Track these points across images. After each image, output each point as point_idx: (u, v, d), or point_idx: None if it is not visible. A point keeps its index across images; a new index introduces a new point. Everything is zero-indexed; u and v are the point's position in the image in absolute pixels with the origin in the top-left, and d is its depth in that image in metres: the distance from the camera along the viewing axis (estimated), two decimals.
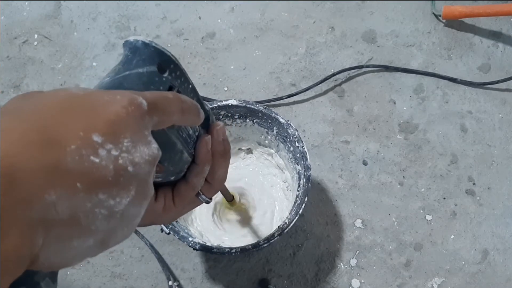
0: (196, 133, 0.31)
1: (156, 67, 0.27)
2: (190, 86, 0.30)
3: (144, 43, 0.27)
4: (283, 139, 0.62)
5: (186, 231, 0.58)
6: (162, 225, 0.56)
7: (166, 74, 0.28)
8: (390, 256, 0.68)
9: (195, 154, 0.31)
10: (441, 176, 0.72)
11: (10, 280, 0.17)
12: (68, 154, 0.18)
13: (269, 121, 0.61)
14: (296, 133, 0.59)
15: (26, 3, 0.84)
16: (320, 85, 0.77)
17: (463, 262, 0.68)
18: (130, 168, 0.21)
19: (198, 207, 0.35)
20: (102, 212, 0.20)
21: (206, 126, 0.32)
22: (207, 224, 0.66)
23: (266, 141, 0.67)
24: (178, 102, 0.26)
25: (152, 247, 0.67)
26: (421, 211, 0.70)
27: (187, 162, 0.30)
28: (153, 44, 0.27)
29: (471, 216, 0.70)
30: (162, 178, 0.30)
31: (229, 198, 0.57)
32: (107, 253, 0.69)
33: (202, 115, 0.29)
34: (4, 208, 0.16)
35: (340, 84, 0.78)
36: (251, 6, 0.83)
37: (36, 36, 0.82)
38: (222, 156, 0.32)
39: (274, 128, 0.62)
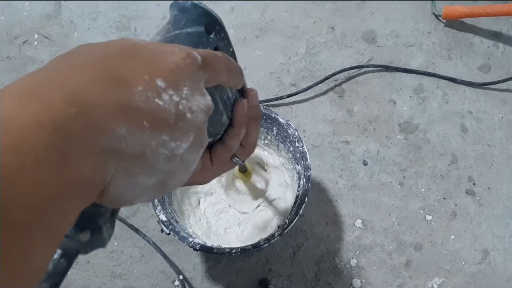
0: (234, 97, 0.32)
1: (204, 28, 0.28)
2: (231, 49, 0.32)
3: (193, 3, 0.28)
4: (283, 139, 0.62)
5: (186, 231, 0.58)
6: (162, 226, 0.56)
7: (212, 35, 0.29)
8: (390, 256, 0.68)
9: (233, 117, 0.32)
10: (441, 176, 0.72)
11: (83, 206, 0.19)
12: (136, 94, 0.20)
13: (269, 121, 0.61)
14: (296, 133, 0.59)
15: (26, 3, 0.84)
16: (320, 85, 0.77)
17: (463, 262, 0.68)
18: (188, 115, 0.22)
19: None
20: (165, 152, 0.21)
21: (241, 91, 0.33)
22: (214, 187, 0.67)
23: (266, 141, 0.67)
24: (226, 61, 0.27)
25: (155, 245, 0.67)
26: (421, 211, 0.70)
27: (225, 125, 0.32)
28: (202, 5, 0.28)
29: (471, 216, 0.70)
30: None
31: (243, 169, 0.58)
32: (107, 253, 0.69)
33: (243, 78, 0.31)
34: (79, 138, 0.17)
35: (340, 84, 0.78)
36: (251, 6, 0.83)
37: (36, 36, 0.82)
38: (255, 120, 0.34)
39: (274, 128, 0.62)
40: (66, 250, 0.23)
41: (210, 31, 0.29)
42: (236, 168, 0.59)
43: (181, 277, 0.65)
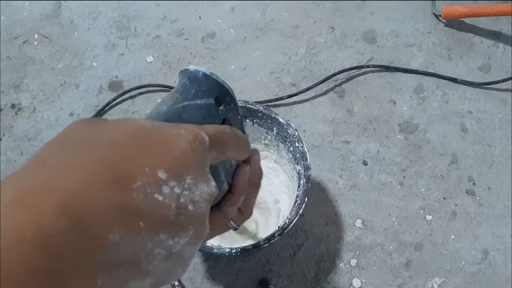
0: (236, 163, 0.30)
1: (214, 100, 0.27)
2: (239, 116, 0.30)
3: (205, 74, 0.27)
4: (283, 139, 0.62)
5: None
6: None
7: (221, 107, 0.28)
8: (390, 256, 0.68)
9: (233, 184, 0.31)
10: (441, 176, 0.72)
11: None
12: (134, 191, 0.18)
13: (269, 121, 0.61)
14: (296, 133, 0.59)
15: (26, 3, 0.84)
16: (320, 85, 0.77)
17: (463, 262, 0.68)
18: (190, 207, 0.20)
19: None
20: (161, 252, 0.19)
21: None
22: None
23: (266, 141, 0.67)
24: (235, 138, 0.26)
25: None
26: (421, 211, 0.70)
27: (224, 191, 0.30)
28: (214, 77, 0.27)
29: (471, 216, 0.70)
30: None
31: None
32: None
33: (250, 150, 0.29)
34: (67, 251, 0.16)
35: (340, 84, 0.78)
36: (251, 6, 0.83)
37: (36, 36, 0.82)
38: (256, 185, 0.32)
39: (274, 128, 0.62)
40: None
41: (220, 103, 0.28)
42: None
43: (176, 283, 0.65)
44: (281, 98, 0.76)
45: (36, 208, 0.15)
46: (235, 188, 0.30)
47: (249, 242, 0.66)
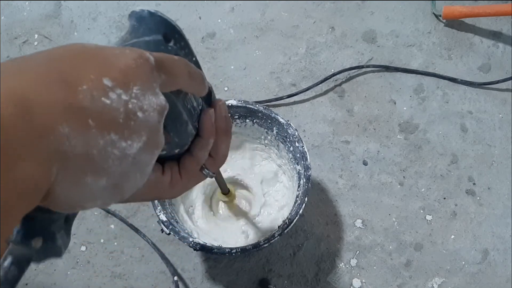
0: (200, 107, 0.31)
1: (162, 36, 0.28)
2: (194, 58, 0.31)
3: (150, 12, 0.28)
4: (283, 139, 0.62)
5: (186, 231, 0.58)
6: (163, 226, 0.56)
7: (171, 44, 0.29)
8: (390, 256, 0.68)
9: (199, 127, 0.32)
10: (441, 176, 0.72)
11: (26, 209, 0.18)
12: (80, 93, 0.19)
13: (269, 121, 0.61)
14: (296, 133, 0.59)
15: (26, 3, 0.84)
16: (320, 85, 0.77)
17: (463, 262, 0.68)
18: (139, 114, 0.22)
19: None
20: (114, 152, 0.21)
21: (209, 102, 0.33)
22: (201, 215, 0.67)
23: (266, 141, 0.67)
24: (184, 65, 0.27)
25: (154, 245, 0.67)
26: (421, 211, 0.70)
27: (191, 135, 0.31)
28: (159, 14, 0.28)
29: (471, 216, 0.70)
30: (167, 151, 0.31)
31: (225, 191, 0.57)
32: (107, 253, 0.69)
33: (207, 85, 0.30)
34: (21, 138, 0.17)
35: (340, 84, 0.78)
36: (251, 6, 0.83)
37: (36, 36, 0.82)
38: (225, 132, 0.33)
39: (274, 128, 0.62)
40: (17, 258, 0.22)
41: (168, 39, 0.29)
42: (219, 191, 0.58)
43: (175, 278, 0.65)
44: (281, 98, 0.76)
45: None
46: (202, 130, 0.31)
47: (242, 221, 0.66)
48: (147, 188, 0.31)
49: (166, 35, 0.28)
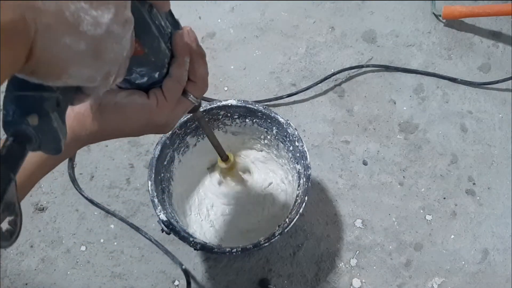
0: (169, 30, 0.32)
1: None
2: None
3: None
4: (283, 139, 0.62)
5: (186, 231, 0.58)
6: (163, 225, 0.55)
7: None
8: (390, 256, 0.68)
9: (173, 47, 0.33)
10: (441, 176, 0.72)
11: (13, 58, 0.20)
12: None
13: (269, 120, 0.61)
14: (296, 133, 0.59)
15: None
16: (320, 85, 0.77)
17: (463, 262, 0.68)
18: None
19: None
20: (87, 18, 0.22)
21: (176, 28, 0.34)
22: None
23: (266, 141, 0.67)
24: None
25: (156, 242, 0.67)
26: (421, 211, 0.70)
27: (167, 56, 0.32)
28: None
29: (471, 216, 0.70)
30: (147, 77, 0.32)
31: (224, 157, 0.57)
32: (107, 253, 0.69)
33: (169, 3, 0.31)
34: None
35: (340, 84, 0.78)
36: (251, 6, 0.83)
37: None
38: (198, 53, 0.35)
39: (274, 127, 0.62)
40: (17, 135, 0.24)
41: None
42: (219, 159, 0.59)
43: (184, 267, 0.65)
44: (281, 98, 0.76)
45: None
46: (175, 49, 0.33)
47: (244, 193, 0.67)
48: (136, 112, 0.34)
49: None
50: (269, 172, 0.69)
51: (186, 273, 0.65)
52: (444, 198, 0.71)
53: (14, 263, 0.68)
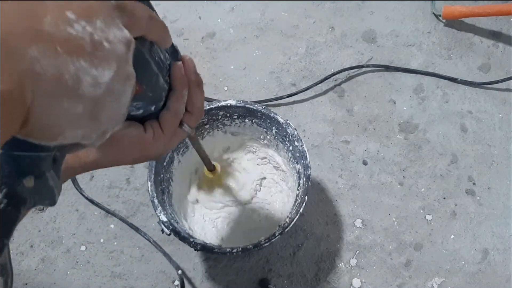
0: (168, 62, 0.32)
1: None
2: (154, 11, 0.31)
3: None
4: (282, 139, 0.62)
5: (186, 231, 0.58)
6: (163, 226, 0.55)
7: None
8: (390, 256, 0.68)
9: (171, 80, 0.33)
10: (441, 176, 0.72)
11: (7, 127, 0.19)
12: (46, 23, 0.20)
13: (268, 121, 0.61)
14: (295, 133, 0.59)
15: None
16: (320, 85, 0.77)
17: (463, 262, 0.68)
18: (106, 44, 0.22)
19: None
20: (86, 79, 0.22)
21: (175, 58, 0.33)
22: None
23: (265, 141, 0.67)
24: (145, 9, 0.27)
25: (155, 243, 0.67)
26: (421, 211, 0.70)
27: (165, 89, 0.32)
28: None
29: (471, 216, 0.70)
30: (143, 109, 0.31)
31: (210, 167, 0.57)
32: (107, 253, 0.69)
33: (169, 35, 0.31)
34: None
35: (340, 84, 0.78)
36: (251, 6, 0.83)
37: None
38: (196, 84, 0.35)
39: (273, 127, 0.62)
40: (12, 198, 0.23)
41: None
42: (205, 169, 0.58)
43: (180, 272, 0.65)
44: (281, 98, 0.76)
45: None
46: (173, 82, 0.33)
47: (231, 201, 0.66)
48: (132, 145, 0.33)
49: None
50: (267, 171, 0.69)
51: (182, 279, 0.65)
52: (444, 198, 0.71)
53: (14, 263, 0.68)
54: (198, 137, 0.48)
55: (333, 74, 0.77)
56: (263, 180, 0.69)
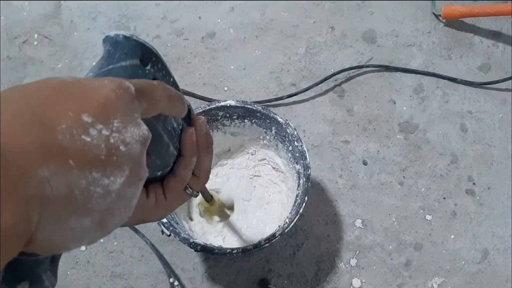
0: (180, 127, 0.31)
1: (139, 60, 0.27)
2: (172, 79, 0.31)
3: (125, 36, 0.27)
4: (282, 139, 0.62)
5: (187, 232, 0.58)
6: (163, 227, 0.55)
7: (148, 67, 0.28)
8: (390, 256, 0.68)
9: (181, 147, 0.31)
10: (441, 176, 0.72)
11: (8, 258, 0.17)
12: (59, 133, 0.19)
13: (268, 121, 0.61)
14: (295, 132, 0.59)
15: (26, 3, 0.84)
16: (320, 85, 0.77)
17: (463, 262, 0.68)
18: (122, 148, 0.21)
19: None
20: (97, 190, 0.20)
21: (188, 120, 0.33)
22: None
23: (265, 141, 0.67)
24: (164, 89, 0.26)
25: (152, 246, 0.67)
26: (421, 211, 0.70)
27: (173, 156, 0.31)
28: (134, 37, 0.27)
29: (471, 216, 0.70)
30: (149, 174, 0.30)
31: (208, 198, 0.57)
32: (107, 253, 0.69)
33: (186, 106, 0.30)
34: None
35: (340, 84, 0.78)
36: (251, 6, 0.83)
37: (36, 36, 0.82)
38: (206, 148, 0.33)
39: (273, 128, 0.62)
40: None
41: (146, 62, 0.28)
42: (202, 198, 0.58)
43: (171, 280, 0.65)
44: (281, 98, 0.76)
45: None
46: (183, 150, 0.31)
47: (222, 226, 0.66)
48: (133, 212, 0.31)
49: (143, 59, 0.28)
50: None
51: (172, 286, 0.65)
52: (444, 198, 0.71)
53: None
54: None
55: (333, 74, 0.77)
56: (258, 178, 0.69)
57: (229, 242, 0.65)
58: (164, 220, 0.55)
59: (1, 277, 0.22)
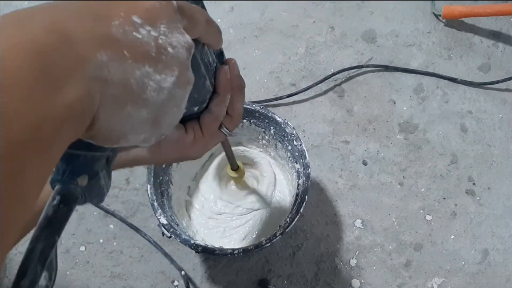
0: (215, 64, 0.32)
1: None
2: (206, 11, 0.32)
3: None
4: (281, 139, 0.62)
5: (187, 233, 0.58)
6: (163, 229, 0.55)
7: None
8: (390, 256, 0.68)
9: (216, 84, 0.33)
10: (441, 176, 0.72)
11: (74, 134, 0.19)
12: (113, 27, 0.21)
13: (266, 120, 0.61)
14: (294, 132, 0.59)
15: (26, 3, 0.84)
16: (320, 85, 0.77)
17: (463, 262, 0.68)
18: (170, 49, 0.23)
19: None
20: (151, 84, 0.22)
21: (221, 61, 0.34)
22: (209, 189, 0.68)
23: (264, 141, 0.66)
24: (202, 13, 0.28)
25: (155, 243, 0.67)
26: (421, 211, 0.70)
27: (209, 92, 0.32)
28: None
29: (471, 216, 0.70)
30: (186, 110, 0.31)
31: (235, 166, 0.58)
32: (106, 253, 0.68)
33: (221, 36, 0.31)
34: (63, 65, 0.18)
35: (340, 84, 0.78)
36: (251, 6, 0.83)
37: None
38: (239, 89, 0.35)
39: (272, 127, 0.62)
40: (65, 196, 0.24)
41: None
42: (228, 167, 0.59)
43: (183, 273, 0.65)
44: (281, 98, 0.76)
45: (30, 28, 0.18)
46: (218, 87, 0.33)
47: (250, 198, 0.66)
48: (172, 145, 0.33)
49: None
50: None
51: (187, 280, 0.65)
52: (444, 198, 0.71)
53: (14, 263, 0.68)
54: (228, 140, 0.49)
55: (333, 74, 0.77)
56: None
57: (229, 237, 0.65)
58: (164, 221, 0.55)
59: (63, 169, 0.24)
